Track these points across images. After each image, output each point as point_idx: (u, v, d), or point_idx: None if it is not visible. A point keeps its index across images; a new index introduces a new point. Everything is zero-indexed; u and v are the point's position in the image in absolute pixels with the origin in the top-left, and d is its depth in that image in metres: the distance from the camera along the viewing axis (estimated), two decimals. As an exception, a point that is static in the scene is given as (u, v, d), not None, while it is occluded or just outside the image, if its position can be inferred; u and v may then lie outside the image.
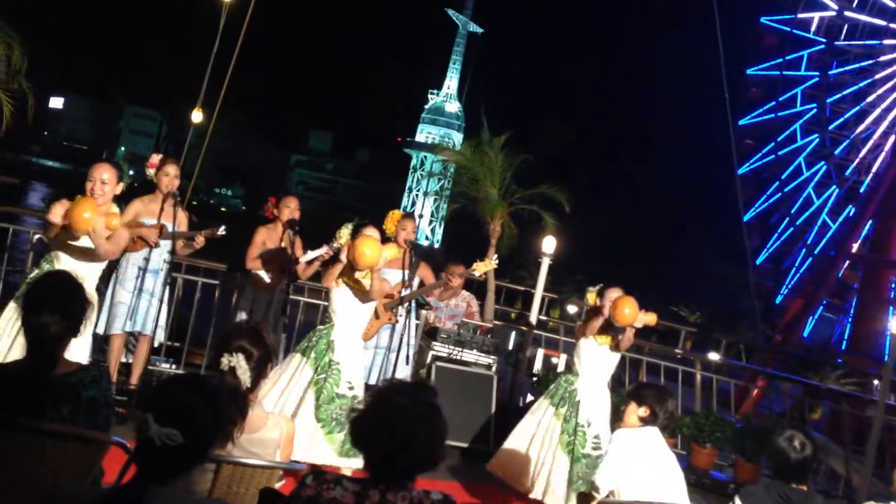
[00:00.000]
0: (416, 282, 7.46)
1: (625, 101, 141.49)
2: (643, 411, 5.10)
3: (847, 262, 34.85)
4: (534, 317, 8.37)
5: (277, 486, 3.63)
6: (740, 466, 8.90)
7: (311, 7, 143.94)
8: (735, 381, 12.36)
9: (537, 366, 9.26)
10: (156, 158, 7.07)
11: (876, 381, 26.74)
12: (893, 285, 34.07)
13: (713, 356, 13.35)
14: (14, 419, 3.13)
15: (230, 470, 3.41)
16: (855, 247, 34.46)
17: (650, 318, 6.63)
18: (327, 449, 5.85)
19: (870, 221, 33.55)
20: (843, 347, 33.94)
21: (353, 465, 5.74)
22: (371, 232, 6.16)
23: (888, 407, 12.77)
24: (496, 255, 7.86)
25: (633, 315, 6.45)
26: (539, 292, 8.29)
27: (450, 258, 8.27)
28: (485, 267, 7.49)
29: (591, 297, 6.81)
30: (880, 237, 33.26)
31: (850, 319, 34.50)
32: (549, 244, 8.24)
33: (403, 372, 7.14)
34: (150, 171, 7.03)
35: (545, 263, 8.14)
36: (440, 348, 7.93)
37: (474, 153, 13.03)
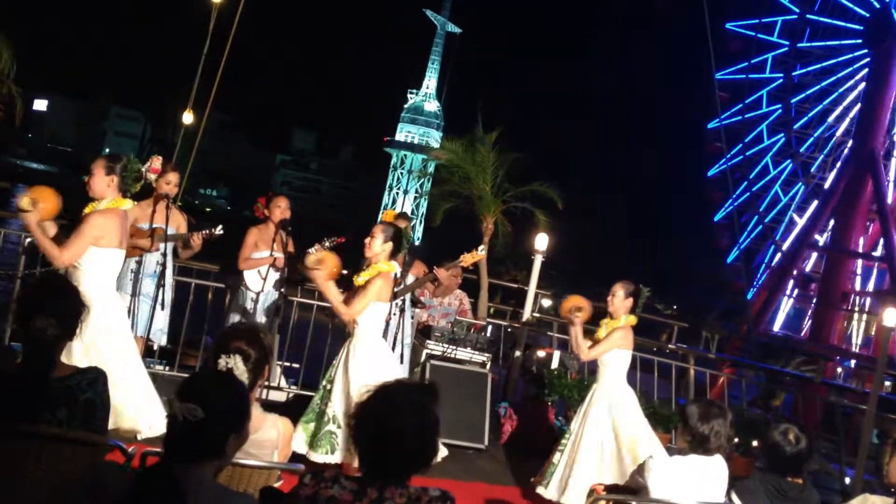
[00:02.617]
0: (409, 279, 7.45)
1: (604, 98, 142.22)
2: (685, 435, 4.43)
3: (815, 254, 36.31)
4: (527, 314, 8.37)
5: (275, 486, 3.63)
6: (734, 460, 8.91)
7: (294, 9, 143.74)
8: (711, 371, 12.45)
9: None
10: (157, 163, 6.96)
11: (839, 370, 27.40)
12: (858, 275, 35.53)
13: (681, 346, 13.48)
14: (11, 423, 3.11)
15: (229, 471, 3.41)
16: (821, 240, 35.86)
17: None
18: (300, 438, 5.70)
19: (832, 217, 34.96)
20: (806, 335, 35.35)
21: (317, 458, 5.54)
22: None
23: (849, 392, 12.96)
24: (483, 246, 7.84)
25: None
26: (532, 289, 8.29)
27: (433, 257, 8.23)
28: (472, 258, 7.47)
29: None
30: (841, 229, 34.63)
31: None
32: (541, 241, 8.24)
33: (399, 371, 7.12)
34: (151, 177, 6.92)
35: (538, 260, 8.14)
36: (434, 347, 7.92)
37: (466, 151, 12.98)
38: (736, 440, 8.69)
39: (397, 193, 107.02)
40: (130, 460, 3.28)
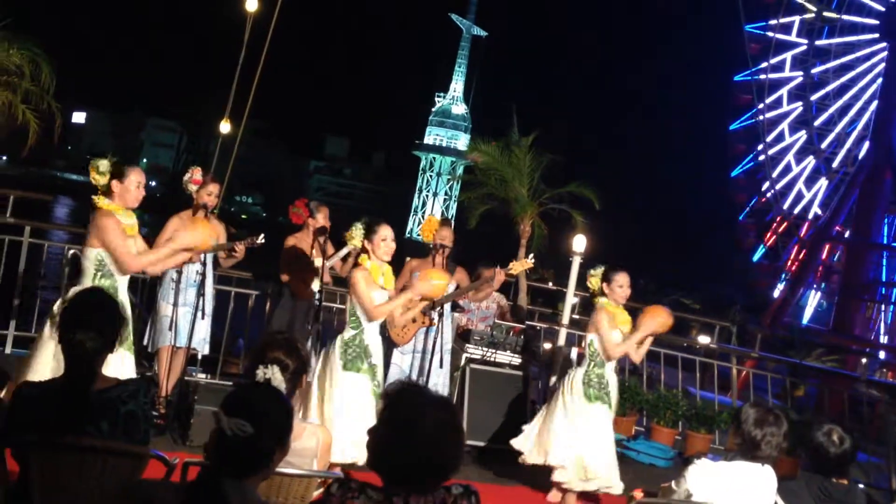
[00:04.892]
0: (451, 286, 7.42)
1: (627, 101, 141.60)
2: (735, 437, 4.34)
3: (841, 247, 36.72)
4: (566, 317, 8.30)
5: (316, 494, 3.63)
6: (779, 461, 8.79)
7: (323, 17, 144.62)
8: (738, 367, 12.39)
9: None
10: (198, 174, 7.02)
11: (864, 360, 27.24)
12: (883, 266, 35.95)
13: (703, 339, 13.42)
14: (54, 436, 3.14)
15: (268, 480, 3.40)
16: (845, 233, 36.25)
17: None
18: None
19: (853, 209, 35.26)
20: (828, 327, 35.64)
21: None
22: (386, 230, 6.11)
23: (871, 383, 12.80)
24: (532, 255, 7.81)
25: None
26: (570, 293, 8.22)
27: (477, 260, 8.22)
28: (520, 266, 7.44)
29: (594, 280, 6.69)
30: (861, 221, 35.03)
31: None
32: (579, 243, 8.17)
33: (438, 374, 7.11)
34: (193, 188, 7.00)
35: (576, 262, 8.07)
36: (473, 350, 7.89)
37: (502, 154, 12.92)
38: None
39: (427, 196, 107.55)
40: (172, 471, 3.30)
